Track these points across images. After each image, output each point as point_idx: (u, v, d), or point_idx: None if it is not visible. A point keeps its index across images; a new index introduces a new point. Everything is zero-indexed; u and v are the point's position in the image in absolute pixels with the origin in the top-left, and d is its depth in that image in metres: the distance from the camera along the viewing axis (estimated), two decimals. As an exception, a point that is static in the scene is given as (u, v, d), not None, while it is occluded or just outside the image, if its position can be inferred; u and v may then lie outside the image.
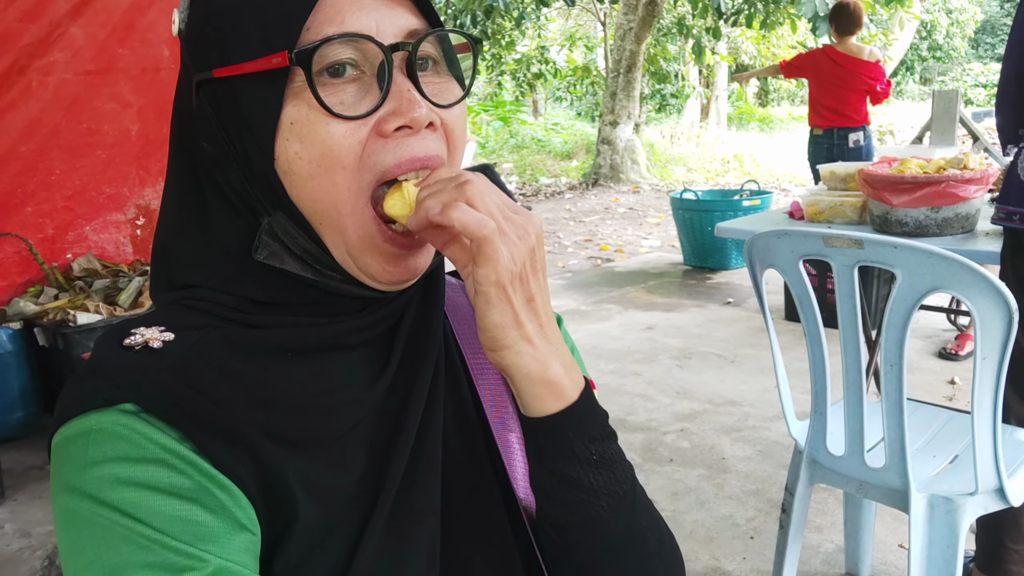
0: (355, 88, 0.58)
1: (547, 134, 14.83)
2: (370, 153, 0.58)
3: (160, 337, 0.60)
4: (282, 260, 0.61)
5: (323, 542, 0.59)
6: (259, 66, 0.57)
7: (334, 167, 0.58)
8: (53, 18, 3.36)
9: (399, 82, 0.58)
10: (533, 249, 0.59)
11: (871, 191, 2.28)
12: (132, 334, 0.60)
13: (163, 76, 3.74)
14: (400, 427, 0.64)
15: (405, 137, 0.59)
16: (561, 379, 0.61)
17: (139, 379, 0.57)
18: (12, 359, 3.18)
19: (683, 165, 12.29)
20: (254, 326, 0.62)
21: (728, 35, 13.56)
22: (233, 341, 0.61)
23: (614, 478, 0.63)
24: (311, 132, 0.57)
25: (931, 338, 4.16)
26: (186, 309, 0.64)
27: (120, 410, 0.56)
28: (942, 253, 1.41)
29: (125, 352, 0.59)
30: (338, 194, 0.58)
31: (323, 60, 0.57)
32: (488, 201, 0.57)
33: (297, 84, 0.57)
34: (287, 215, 0.60)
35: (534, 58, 14.72)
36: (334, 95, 0.57)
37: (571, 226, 8.23)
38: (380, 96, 0.58)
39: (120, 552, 0.51)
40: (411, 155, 0.59)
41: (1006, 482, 1.59)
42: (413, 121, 0.58)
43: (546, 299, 0.62)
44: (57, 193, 3.60)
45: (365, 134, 0.58)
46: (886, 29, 13.01)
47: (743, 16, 8.74)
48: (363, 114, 0.57)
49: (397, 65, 0.59)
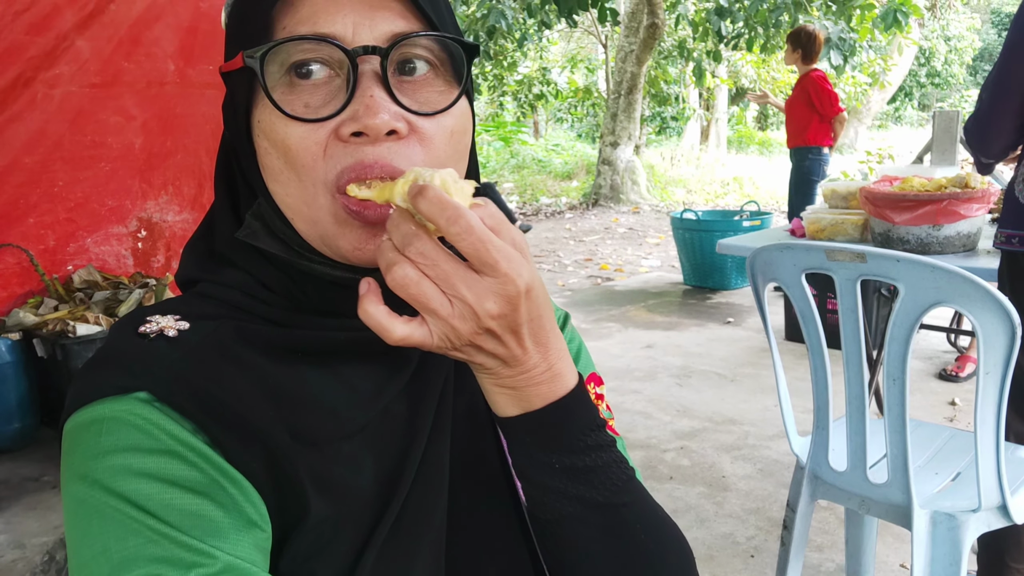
0: (326, 91, 0.58)
1: (548, 155, 14.88)
2: (331, 154, 0.58)
3: (176, 326, 0.60)
4: (258, 239, 0.62)
5: (331, 540, 0.59)
6: (233, 65, 0.59)
7: (296, 165, 0.58)
8: (60, 31, 3.38)
9: (365, 87, 0.57)
10: (516, 299, 0.52)
11: (873, 209, 2.29)
12: (148, 322, 0.60)
13: (167, 90, 3.75)
14: (411, 431, 0.64)
15: (361, 144, 0.57)
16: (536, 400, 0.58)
17: (154, 367, 0.56)
18: (11, 370, 3.17)
19: (683, 187, 12.33)
20: (271, 321, 0.62)
21: (728, 59, 13.66)
22: (248, 335, 0.61)
23: (588, 482, 0.59)
24: (272, 132, 0.59)
25: (931, 359, 4.16)
26: (203, 298, 0.64)
27: (134, 398, 0.55)
28: (945, 267, 1.41)
29: (140, 339, 0.59)
30: (304, 189, 0.59)
31: (288, 60, 0.58)
32: (439, 270, 0.51)
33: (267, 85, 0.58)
34: (267, 201, 0.62)
35: (536, 79, 14.80)
36: (299, 97, 0.58)
37: (571, 245, 8.24)
38: (344, 100, 0.57)
39: (128, 545, 0.51)
40: (359, 161, 0.57)
41: (1009, 499, 1.58)
42: (367, 128, 0.56)
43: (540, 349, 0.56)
44: (59, 205, 3.60)
45: (324, 136, 0.57)
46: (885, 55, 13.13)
47: (743, 40, 8.81)
48: (321, 118, 0.57)
49: (368, 70, 0.57)
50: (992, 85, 1.88)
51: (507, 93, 15.24)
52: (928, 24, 18.57)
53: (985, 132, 1.92)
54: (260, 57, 0.57)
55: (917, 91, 23.70)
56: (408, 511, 0.62)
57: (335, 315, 0.63)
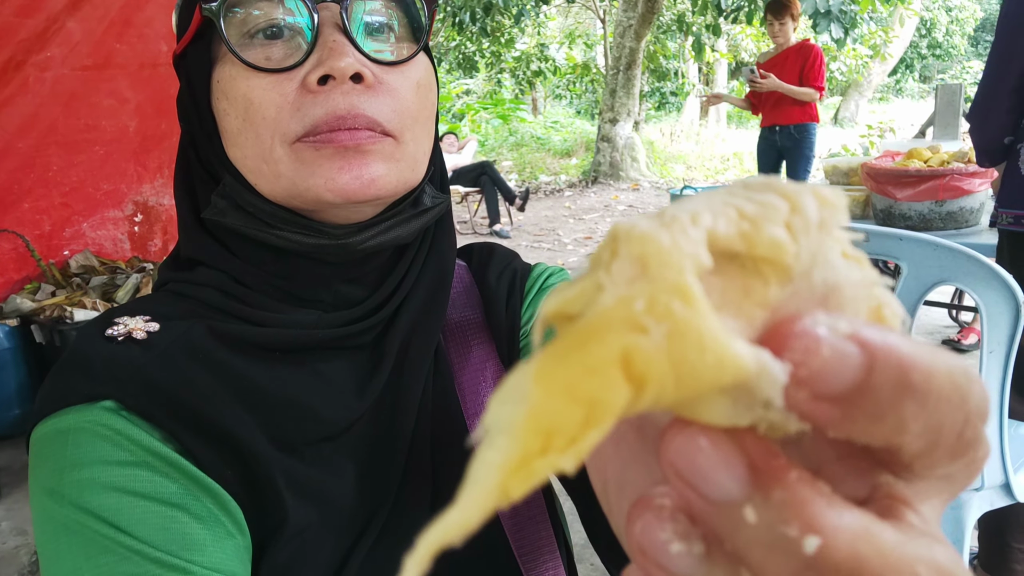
0: (288, 46, 0.56)
1: (547, 132, 14.81)
2: (299, 106, 0.55)
3: (144, 327, 0.57)
4: (224, 215, 0.59)
5: (312, 548, 0.57)
6: (190, 32, 0.57)
7: (255, 119, 0.56)
8: (50, 13, 3.34)
9: (326, 35, 0.55)
10: None
11: (874, 185, 2.26)
12: (115, 324, 0.58)
13: (161, 72, 3.71)
14: (396, 432, 0.62)
15: (331, 91, 0.55)
16: None
17: (120, 373, 0.54)
18: (9, 356, 3.17)
19: (683, 163, 12.28)
20: (244, 319, 0.59)
21: (728, 32, 13.55)
22: (220, 335, 0.58)
23: None
24: (233, 88, 0.56)
25: (933, 334, 4.14)
26: (174, 296, 0.62)
27: (100, 407, 0.53)
28: (948, 245, 1.39)
29: (107, 343, 0.56)
30: (262, 144, 0.56)
31: (247, 24, 0.56)
32: None
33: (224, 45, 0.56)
34: (233, 176, 0.59)
35: (533, 56, 14.70)
36: (262, 51, 0.56)
37: (571, 224, 8.21)
38: (306, 50, 0.55)
39: (100, 563, 0.49)
40: (331, 112, 0.54)
41: (1012, 477, 1.57)
42: (333, 70, 0.54)
43: None
44: (54, 189, 3.58)
45: (290, 89, 0.55)
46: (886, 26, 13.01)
47: (743, 13, 8.73)
48: (284, 68, 0.55)
49: (328, 18, 0.56)
50: (985, 69, 1.91)
51: (505, 70, 15.14)
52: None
53: (984, 115, 1.92)
54: (218, 7, 0.55)
55: (918, 63, 23.53)
56: (394, 517, 0.60)
57: (313, 303, 0.61)
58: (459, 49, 13.02)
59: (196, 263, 0.62)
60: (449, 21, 10.35)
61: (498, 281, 0.73)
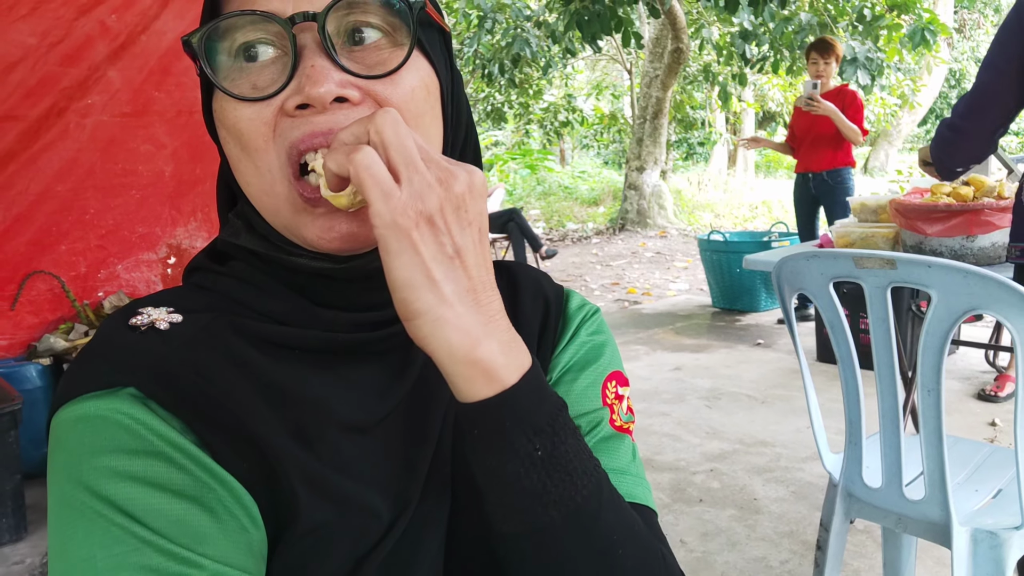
0: (273, 70, 0.56)
1: (574, 181, 14.92)
2: (281, 131, 0.56)
3: (167, 318, 0.58)
4: (238, 237, 0.61)
5: (326, 550, 0.56)
6: (189, 58, 0.58)
7: (249, 148, 0.56)
8: (92, 62, 3.46)
9: (307, 58, 0.55)
10: (462, 197, 0.50)
11: (904, 221, 2.24)
12: (139, 314, 0.58)
13: (197, 119, 3.82)
14: (418, 439, 0.62)
15: (311, 115, 0.55)
16: (494, 358, 0.50)
17: (142, 362, 0.55)
18: (41, 394, 3.21)
19: (711, 211, 12.27)
20: (269, 316, 0.60)
21: (754, 82, 13.63)
22: (244, 330, 0.59)
23: (570, 482, 0.52)
24: (225, 118, 0.57)
25: (970, 379, 4.05)
26: (199, 290, 0.63)
27: (122, 395, 0.53)
28: (978, 271, 1.37)
29: (130, 332, 0.57)
30: (262, 176, 0.57)
31: (233, 46, 0.56)
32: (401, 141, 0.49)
33: None
34: (244, 200, 0.61)
35: (561, 107, 14.88)
36: (247, 79, 0.56)
37: (598, 270, 8.21)
38: (287, 75, 0.55)
39: (113, 553, 0.49)
40: (308, 132, 0.54)
41: (1055, 516, 1.51)
42: (310, 98, 0.53)
43: (483, 261, 0.51)
44: (91, 232, 3.66)
45: (270, 115, 0.56)
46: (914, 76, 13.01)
47: (769, 63, 8.79)
48: (266, 96, 0.55)
49: (309, 40, 0.55)
50: (970, 94, 1.97)
51: (533, 121, 15.33)
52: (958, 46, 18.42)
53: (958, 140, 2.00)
54: (200, 40, 0.56)
55: (948, 113, 23.44)
56: (414, 526, 0.59)
57: (334, 308, 0.61)
58: (488, 100, 13.22)
59: (228, 257, 0.64)
60: (478, 73, 10.54)
61: (533, 304, 0.72)
